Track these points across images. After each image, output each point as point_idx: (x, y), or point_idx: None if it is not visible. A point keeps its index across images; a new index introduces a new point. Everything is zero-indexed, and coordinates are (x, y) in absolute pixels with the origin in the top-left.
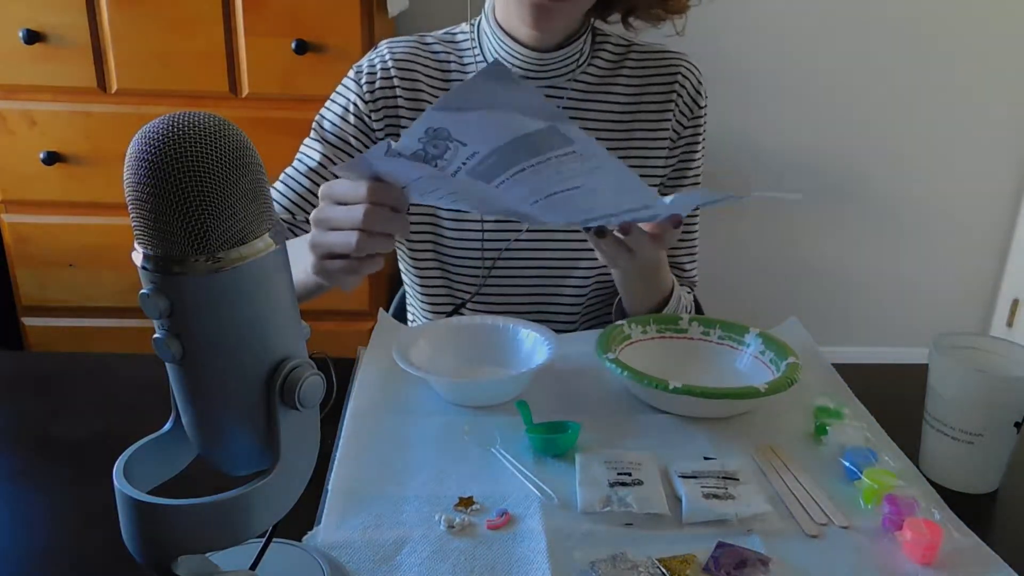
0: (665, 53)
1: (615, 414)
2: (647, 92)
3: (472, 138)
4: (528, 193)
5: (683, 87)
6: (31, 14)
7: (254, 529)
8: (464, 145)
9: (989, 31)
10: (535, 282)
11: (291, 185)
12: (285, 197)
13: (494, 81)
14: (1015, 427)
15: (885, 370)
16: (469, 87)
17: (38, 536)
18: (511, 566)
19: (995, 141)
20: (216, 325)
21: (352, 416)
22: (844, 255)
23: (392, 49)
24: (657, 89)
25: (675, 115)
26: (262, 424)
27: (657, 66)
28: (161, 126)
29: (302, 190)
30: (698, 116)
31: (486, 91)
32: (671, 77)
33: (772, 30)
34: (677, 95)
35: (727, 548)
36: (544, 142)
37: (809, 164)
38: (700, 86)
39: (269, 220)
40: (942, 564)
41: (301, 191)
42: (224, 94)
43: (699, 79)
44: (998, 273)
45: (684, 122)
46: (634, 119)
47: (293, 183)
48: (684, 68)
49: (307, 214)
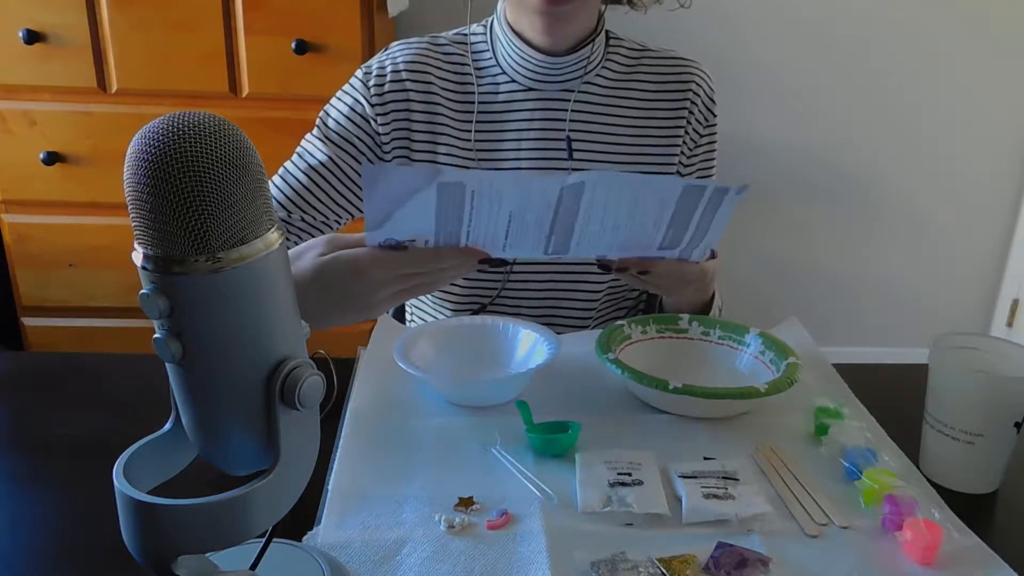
0: (679, 60)
1: (615, 414)
2: (661, 99)
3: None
4: (490, 243)
5: (697, 95)
6: (31, 14)
7: (254, 529)
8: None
9: (989, 31)
10: (549, 284)
11: (289, 181)
12: (282, 192)
13: (374, 182)
14: (1015, 427)
15: (885, 370)
16: (369, 201)
17: (38, 536)
18: (511, 566)
19: (995, 141)
20: (216, 325)
21: (352, 416)
22: (844, 255)
23: (404, 51)
24: (671, 96)
25: (691, 123)
26: (262, 424)
27: (671, 73)
28: (161, 126)
29: (299, 187)
30: (712, 124)
31: (382, 193)
32: (685, 85)
33: (772, 30)
34: (691, 103)
35: (727, 548)
36: (451, 204)
37: (809, 164)
38: (713, 93)
39: (269, 220)
40: (942, 564)
41: (298, 187)
42: (224, 94)
43: (712, 87)
44: (998, 273)
45: (700, 130)
46: (647, 125)
47: (291, 179)
48: (698, 76)
49: (303, 211)
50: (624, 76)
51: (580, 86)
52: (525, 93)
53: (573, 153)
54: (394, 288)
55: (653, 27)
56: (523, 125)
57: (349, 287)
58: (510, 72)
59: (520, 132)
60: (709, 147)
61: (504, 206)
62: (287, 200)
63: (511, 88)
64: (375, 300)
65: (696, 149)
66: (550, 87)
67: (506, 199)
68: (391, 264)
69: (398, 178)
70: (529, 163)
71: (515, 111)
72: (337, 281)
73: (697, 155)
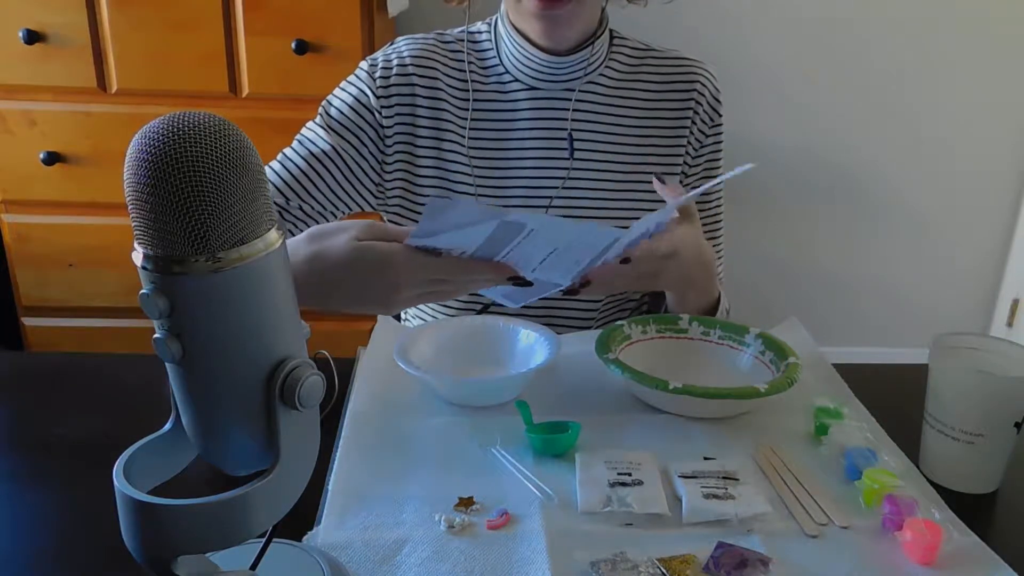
0: (683, 60)
1: (615, 414)
2: (665, 99)
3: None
4: (523, 265)
5: (702, 95)
6: (31, 14)
7: (254, 529)
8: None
9: (989, 31)
10: None
11: (288, 167)
12: (280, 177)
13: (439, 212)
14: (1015, 427)
15: (885, 370)
16: (426, 222)
17: (38, 536)
18: (511, 566)
19: (995, 141)
20: (216, 325)
21: (352, 416)
22: (844, 255)
23: (411, 45)
24: (675, 96)
25: (696, 123)
26: (262, 424)
27: (675, 73)
28: (161, 126)
29: (298, 172)
30: (718, 124)
31: (441, 220)
32: (690, 85)
33: (772, 30)
34: (696, 103)
35: (727, 548)
36: (504, 237)
37: (810, 164)
38: (718, 93)
39: (269, 220)
40: (942, 564)
41: (297, 173)
42: (224, 94)
43: (717, 87)
44: (998, 273)
45: (706, 131)
46: (652, 125)
47: (291, 164)
48: (703, 76)
49: (301, 199)
50: (628, 76)
51: (583, 85)
52: (528, 92)
53: (575, 152)
54: (418, 290)
55: (653, 27)
56: (526, 124)
57: (376, 279)
58: (513, 71)
59: (523, 131)
60: (715, 148)
61: (553, 244)
62: (285, 186)
63: (515, 87)
64: (396, 298)
65: (701, 150)
66: (553, 86)
67: (560, 240)
68: (423, 269)
69: (464, 210)
70: (531, 162)
71: (518, 110)
72: (366, 269)
73: (703, 155)
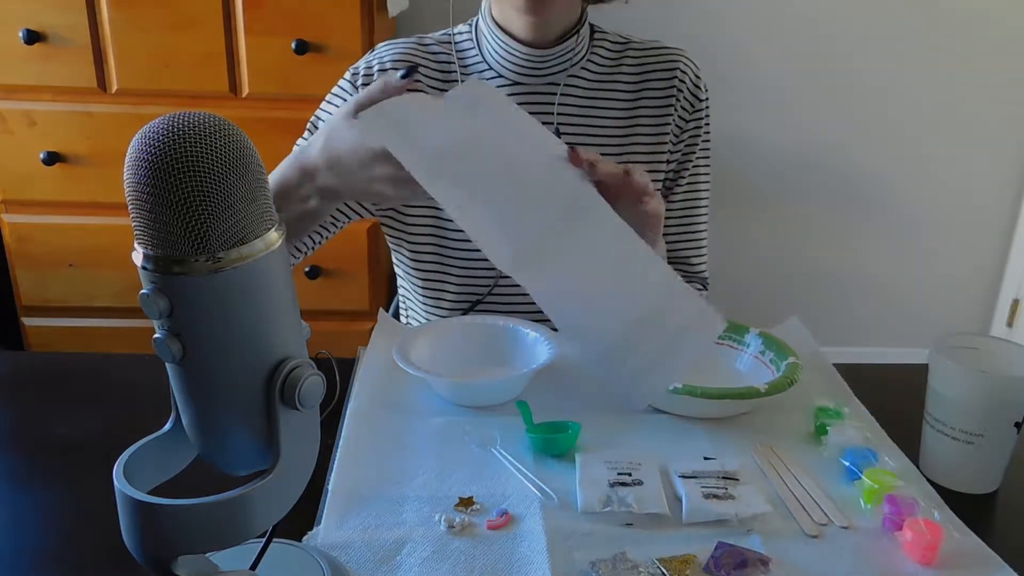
0: (663, 49)
1: (615, 414)
2: (647, 88)
3: None
4: None
5: (682, 82)
6: (31, 14)
7: (254, 529)
8: None
9: (989, 31)
10: None
11: None
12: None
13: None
14: (1015, 427)
15: (885, 370)
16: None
17: (38, 536)
18: (511, 566)
19: (995, 142)
20: (216, 325)
21: (352, 416)
22: (845, 255)
23: (392, 50)
24: (657, 85)
25: (676, 111)
26: (262, 424)
27: (656, 62)
28: (161, 126)
29: None
30: (699, 110)
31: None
32: (670, 72)
33: (772, 30)
34: (677, 89)
35: (727, 548)
36: None
37: (809, 164)
38: (699, 80)
39: (269, 220)
40: (942, 564)
41: None
42: (224, 94)
43: (697, 73)
44: (998, 273)
45: (686, 116)
46: (636, 116)
47: None
48: (683, 63)
49: None
50: (609, 68)
51: (566, 79)
52: (512, 87)
53: None
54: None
55: (646, 28)
56: None
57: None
58: (496, 67)
59: None
60: (694, 134)
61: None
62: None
63: (498, 83)
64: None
65: (682, 135)
66: (536, 81)
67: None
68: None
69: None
70: None
71: None
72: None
73: (682, 140)
